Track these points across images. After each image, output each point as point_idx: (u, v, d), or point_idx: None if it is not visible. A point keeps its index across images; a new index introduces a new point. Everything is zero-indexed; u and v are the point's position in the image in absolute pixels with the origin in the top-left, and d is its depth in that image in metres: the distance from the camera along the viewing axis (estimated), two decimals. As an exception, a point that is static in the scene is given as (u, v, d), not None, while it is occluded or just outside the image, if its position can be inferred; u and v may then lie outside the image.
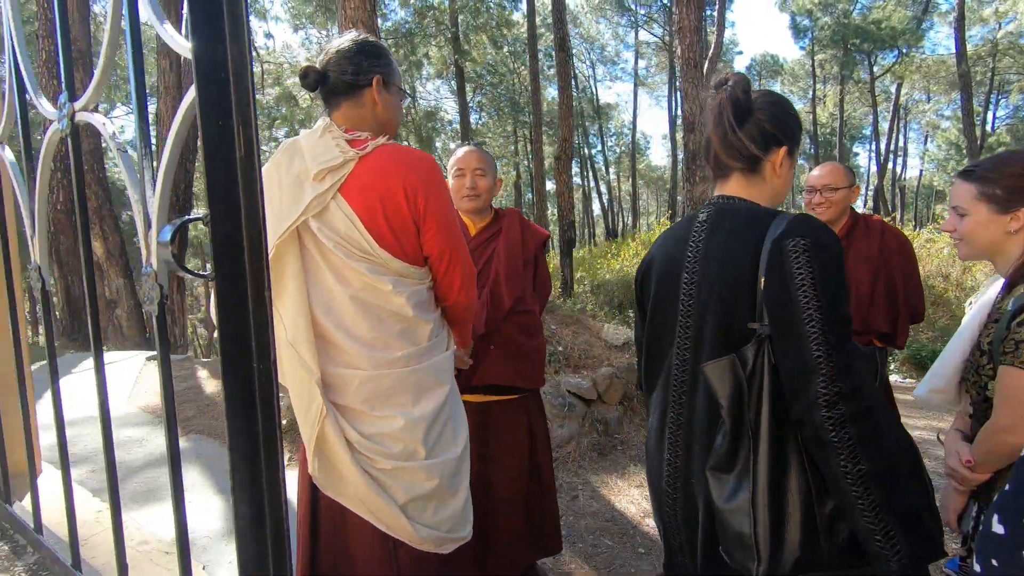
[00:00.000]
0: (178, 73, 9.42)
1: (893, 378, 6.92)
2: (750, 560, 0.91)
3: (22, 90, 0.89)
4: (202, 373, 6.22)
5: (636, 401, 3.94)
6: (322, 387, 1.25)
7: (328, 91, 1.36)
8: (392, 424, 1.27)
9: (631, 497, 3.11)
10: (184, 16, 0.56)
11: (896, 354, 7.39)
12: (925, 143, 36.64)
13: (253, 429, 0.61)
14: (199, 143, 0.58)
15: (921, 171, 39.31)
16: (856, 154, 37.92)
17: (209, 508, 2.93)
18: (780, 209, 1.13)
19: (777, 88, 37.80)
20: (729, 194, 1.12)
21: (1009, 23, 21.03)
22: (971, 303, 1.39)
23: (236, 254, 0.58)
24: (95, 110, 0.77)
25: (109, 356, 7.49)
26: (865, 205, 28.36)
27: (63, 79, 0.78)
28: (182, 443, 3.95)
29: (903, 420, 1.26)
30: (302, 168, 1.28)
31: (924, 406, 5.02)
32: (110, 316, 9.92)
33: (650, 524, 2.87)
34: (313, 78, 1.35)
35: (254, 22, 16.88)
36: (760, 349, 0.94)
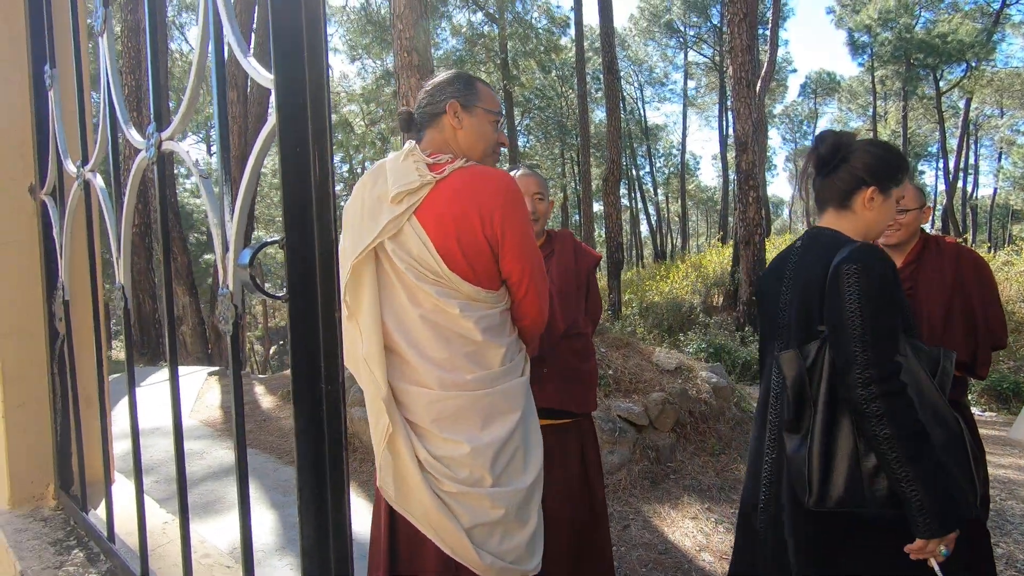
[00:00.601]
0: (244, 103, 10.00)
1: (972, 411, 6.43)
2: (804, 494, 1.24)
3: (115, 122, 0.95)
4: (259, 389, 6.44)
5: (689, 428, 3.81)
6: (391, 404, 1.27)
7: (416, 127, 1.44)
8: (459, 449, 1.26)
9: (685, 529, 2.99)
10: (261, 45, 0.58)
11: (973, 385, 6.88)
12: (999, 160, 34.54)
13: (320, 450, 0.62)
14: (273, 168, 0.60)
15: (996, 189, 37.02)
16: (922, 172, 36.10)
17: (263, 522, 3.00)
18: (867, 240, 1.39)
19: (834, 106, 36.67)
20: (822, 225, 1.43)
21: (1092, 32, 19.70)
22: None
23: (309, 276, 0.60)
24: (181, 139, 0.82)
25: (174, 371, 7.87)
26: (933, 226, 26.89)
27: (152, 110, 0.83)
28: (239, 457, 4.09)
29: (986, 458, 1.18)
30: (383, 190, 1.32)
31: (1016, 444, 4.64)
32: (176, 332, 10.45)
33: (705, 558, 2.74)
34: (404, 119, 1.45)
35: (314, 54, 17.79)
36: (822, 345, 1.26)
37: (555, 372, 2.00)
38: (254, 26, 10.63)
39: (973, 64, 24.38)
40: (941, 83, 26.07)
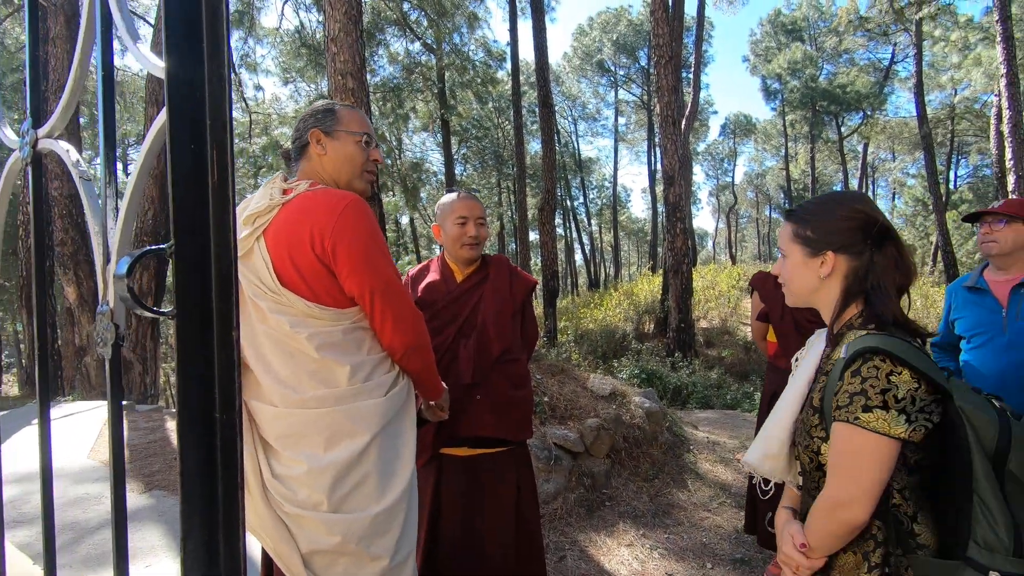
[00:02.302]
0: (156, 106, 9.47)
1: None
2: None
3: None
4: (171, 424, 5.94)
5: (623, 454, 3.83)
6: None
7: (293, 161, 1.49)
8: (297, 468, 1.24)
9: (621, 557, 2.96)
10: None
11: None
12: (893, 199, 38.13)
13: (211, 492, 0.53)
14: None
15: (891, 226, 40.67)
16: (828, 209, 39.16)
17: (167, 571, 2.71)
18: None
19: (751, 146, 39.41)
20: None
21: (965, 88, 22.32)
22: (797, 359, 1.24)
23: (202, 290, 0.53)
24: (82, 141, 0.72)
25: (74, 406, 7.15)
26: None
27: (28, 105, 0.73)
28: (144, 500, 3.71)
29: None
30: (245, 215, 1.37)
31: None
32: (79, 364, 9.56)
33: (641, 587, 2.71)
34: (284, 156, 1.52)
35: (244, 75, 17.23)
36: None
37: (488, 399, 1.94)
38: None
39: (868, 113, 27.01)
40: (843, 128, 28.68)
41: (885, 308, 1.05)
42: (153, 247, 0.56)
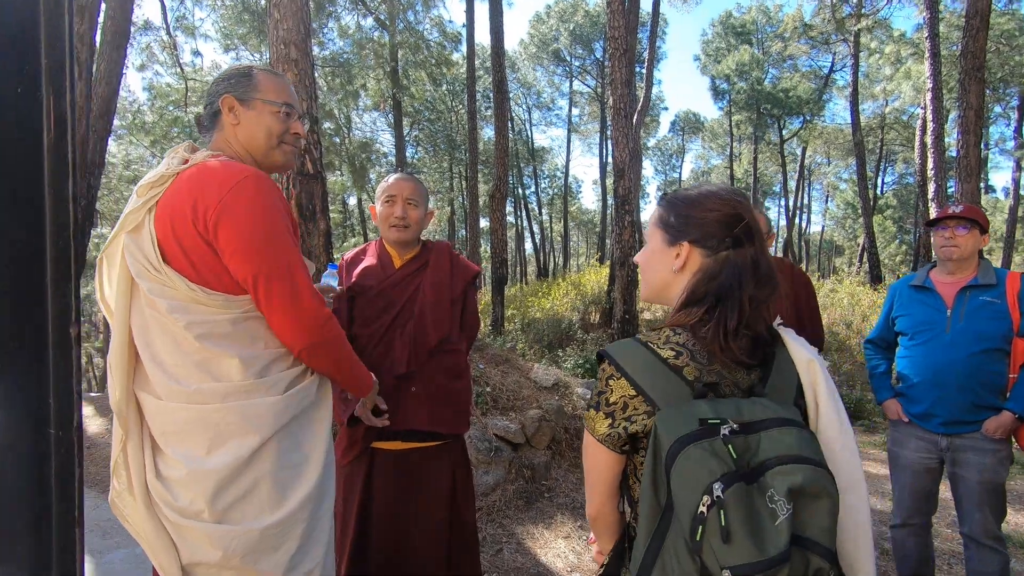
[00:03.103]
0: (88, 83, 8.74)
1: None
2: None
3: None
4: (88, 410, 5.55)
5: (564, 445, 3.83)
6: (121, 412, 1.15)
7: (206, 130, 1.34)
8: (177, 470, 1.12)
9: (558, 550, 2.96)
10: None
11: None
12: (826, 202, 40.22)
13: (43, 523, 0.43)
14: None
15: (823, 227, 43.03)
16: (768, 208, 40.96)
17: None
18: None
19: (698, 143, 40.52)
20: None
21: (895, 100, 23.67)
22: None
23: (32, 276, 0.42)
24: None
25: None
26: (775, 253, 30.45)
27: None
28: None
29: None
30: (139, 185, 1.24)
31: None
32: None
33: (576, 578, 2.71)
34: (197, 122, 1.36)
35: (180, 38, 16.15)
36: None
37: (424, 391, 1.86)
38: None
39: (808, 118, 28.23)
40: (784, 131, 29.86)
41: (728, 318, 0.93)
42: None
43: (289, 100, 1.34)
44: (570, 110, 34.02)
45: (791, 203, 31.48)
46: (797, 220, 33.83)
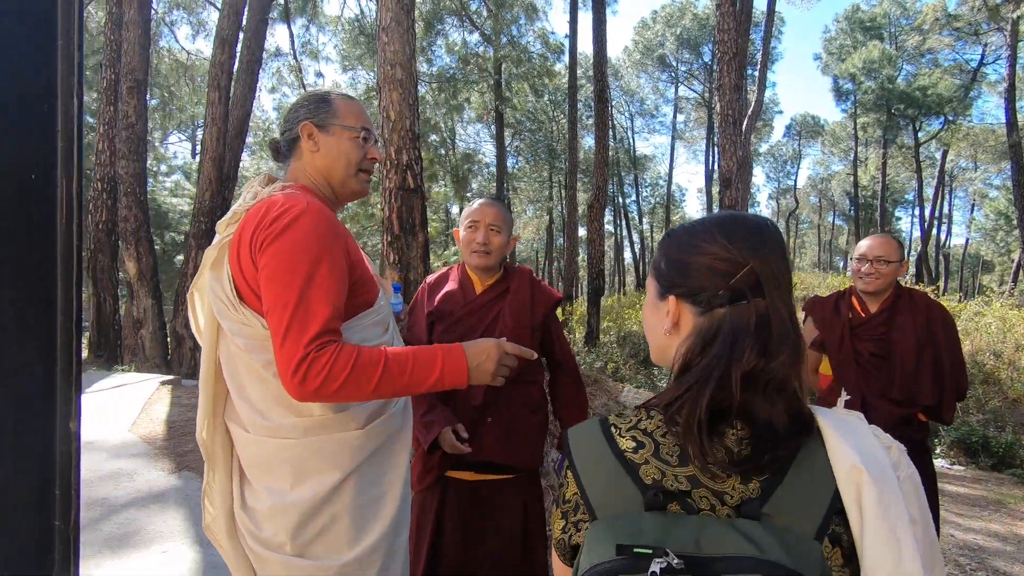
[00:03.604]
0: (226, 104, 9.77)
1: (939, 463, 6.35)
2: None
3: None
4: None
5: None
6: (209, 442, 1.20)
7: (283, 158, 1.34)
8: (262, 503, 1.14)
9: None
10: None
11: (943, 437, 6.83)
12: (972, 211, 35.58)
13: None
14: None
15: (967, 239, 38.11)
16: (898, 218, 37.07)
17: (180, 561, 2.73)
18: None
19: (817, 148, 37.56)
20: None
21: (1063, 96, 20.46)
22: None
23: (40, 303, 0.41)
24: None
25: (126, 377, 7.49)
26: (908, 272, 27.41)
27: None
28: (172, 481, 3.78)
29: (953, 519, 0.91)
30: (219, 222, 1.27)
31: (978, 503, 4.54)
32: (136, 336, 10.04)
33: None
34: (272, 148, 1.35)
35: (305, 61, 17.66)
36: None
37: (500, 422, 1.81)
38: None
39: (950, 118, 25.17)
40: (920, 134, 26.87)
41: (701, 400, 0.68)
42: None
43: (366, 124, 1.32)
44: (675, 116, 32.98)
45: (928, 212, 28.19)
46: (935, 231, 30.24)
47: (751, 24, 15.37)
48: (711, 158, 28.13)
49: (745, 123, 14.54)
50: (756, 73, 17.83)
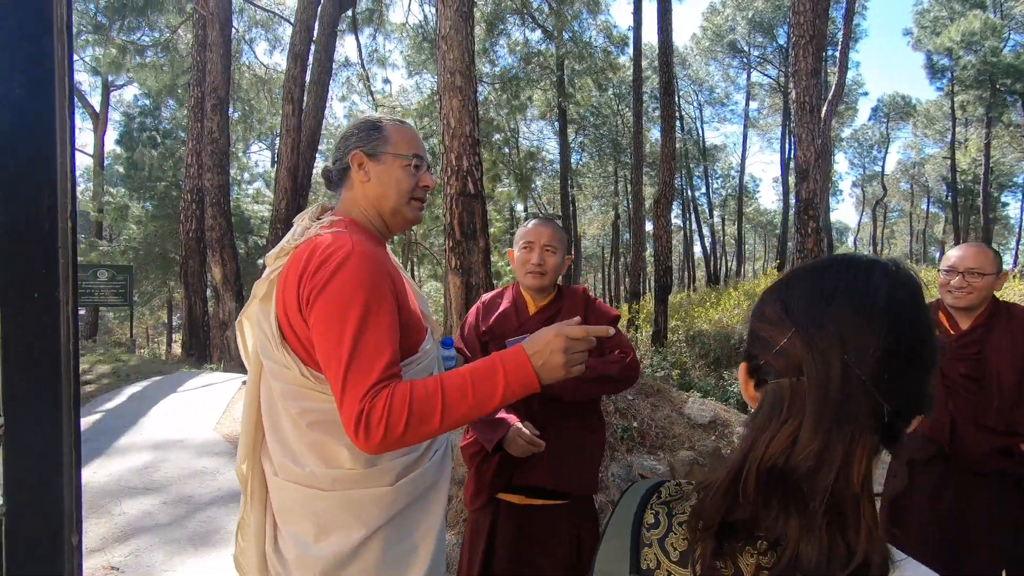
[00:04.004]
0: (299, 116, 10.25)
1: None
2: None
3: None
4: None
5: (721, 491, 3.48)
6: (246, 480, 1.21)
7: (335, 186, 1.31)
8: (291, 552, 1.11)
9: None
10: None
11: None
12: (1096, 194, 31.65)
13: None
14: None
15: (1090, 227, 33.96)
16: (1005, 204, 33.57)
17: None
18: None
19: (908, 131, 34.72)
20: None
21: None
22: None
23: (43, 333, 0.42)
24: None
25: (214, 376, 8.03)
26: (1016, 263, 24.80)
27: None
28: (250, 481, 4.01)
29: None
30: (268, 254, 1.26)
31: None
32: (223, 336, 10.76)
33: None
34: (325, 176, 1.33)
35: (373, 69, 18.23)
36: None
37: (555, 446, 1.78)
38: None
39: (1068, 91, 22.51)
40: (1031, 110, 24.20)
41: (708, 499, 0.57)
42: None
43: (419, 151, 1.28)
44: (747, 104, 31.44)
45: (1040, 197, 25.36)
46: (1049, 218, 27.16)
47: (830, 2, 14.41)
48: (787, 146, 26.62)
49: (824, 109, 13.64)
50: (837, 54, 16.68)
